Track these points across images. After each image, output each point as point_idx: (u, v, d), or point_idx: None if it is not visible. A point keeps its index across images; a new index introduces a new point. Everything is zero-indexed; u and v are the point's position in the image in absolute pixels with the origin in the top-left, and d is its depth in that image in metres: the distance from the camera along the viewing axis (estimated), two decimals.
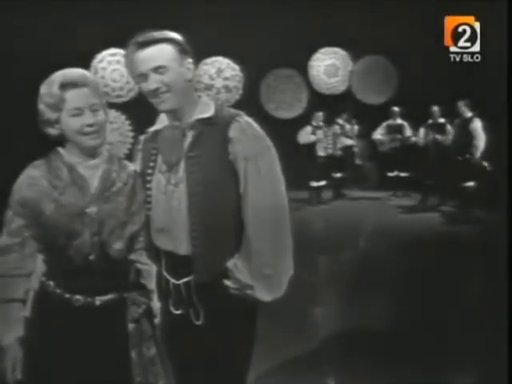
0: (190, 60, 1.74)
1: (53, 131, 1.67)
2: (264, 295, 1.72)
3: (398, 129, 9.10)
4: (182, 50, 1.72)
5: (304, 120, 9.00)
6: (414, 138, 8.76)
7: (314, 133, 8.70)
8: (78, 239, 1.64)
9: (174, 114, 1.75)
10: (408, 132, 9.00)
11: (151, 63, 1.67)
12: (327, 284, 4.85)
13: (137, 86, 1.76)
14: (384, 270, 5.17)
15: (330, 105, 9.16)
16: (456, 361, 3.26)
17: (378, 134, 9.26)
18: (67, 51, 6.56)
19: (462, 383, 3.19)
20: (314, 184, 8.73)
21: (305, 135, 8.68)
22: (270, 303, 1.74)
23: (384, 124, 9.23)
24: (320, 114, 8.79)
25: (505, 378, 2.50)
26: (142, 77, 1.69)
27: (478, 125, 7.25)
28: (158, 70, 1.67)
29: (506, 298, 2.86)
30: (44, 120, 1.67)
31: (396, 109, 9.09)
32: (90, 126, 1.63)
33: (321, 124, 8.80)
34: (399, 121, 9.14)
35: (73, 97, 1.62)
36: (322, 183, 8.82)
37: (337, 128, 9.19)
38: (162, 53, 1.68)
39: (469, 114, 7.42)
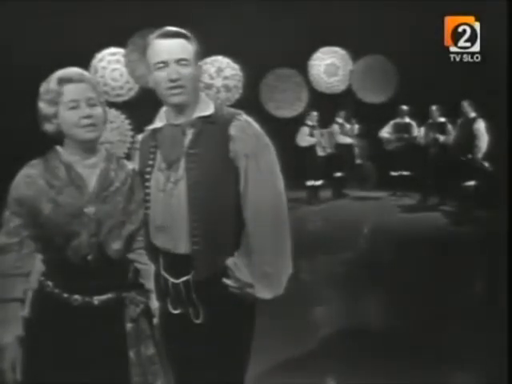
0: (200, 63, 1.79)
1: (51, 127, 1.68)
2: (264, 293, 1.72)
3: (405, 128, 8.95)
4: (198, 52, 1.76)
5: (304, 119, 8.99)
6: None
7: (311, 133, 8.67)
8: (76, 239, 1.64)
9: (179, 109, 1.75)
10: (415, 131, 8.80)
11: (176, 54, 1.69)
12: (327, 283, 4.84)
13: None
14: (384, 269, 5.17)
15: (330, 104, 9.14)
16: (456, 361, 3.25)
17: (385, 132, 9.08)
18: (67, 51, 6.56)
19: (462, 383, 3.19)
20: (311, 183, 8.70)
21: (304, 138, 8.60)
22: (270, 302, 1.74)
23: (391, 122, 9.06)
24: (315, 114, 8.73)
25: (505, 377, 2.49)
26: (160, 65, 1.69)
27: (481, 125, 7.21)
28: (180, 61, 1.69)
29: (506, 298, 2.86)
30: (42, 116, 1.68)
31: (404, 107, 8.89)
32: (87, 117, 1.63)
33: (315, 124, 8.77)
34: (407, 119, 8.97)
35: (69, 90, 1.64)
36: (319, 182, 8.80)
37: (336, 127, 9.16)
38: (185, 47, 1.72)
39: (472, 114, 7.39)
